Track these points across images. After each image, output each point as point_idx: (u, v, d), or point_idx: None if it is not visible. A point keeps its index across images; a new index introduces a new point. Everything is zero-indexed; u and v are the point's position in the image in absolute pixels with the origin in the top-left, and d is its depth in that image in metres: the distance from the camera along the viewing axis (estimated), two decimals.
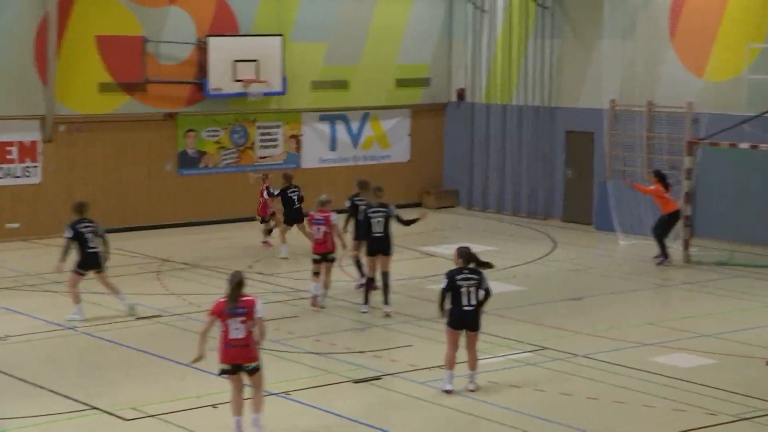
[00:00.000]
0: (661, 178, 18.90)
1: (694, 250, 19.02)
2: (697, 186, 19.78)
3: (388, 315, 15.01)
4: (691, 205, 19.10)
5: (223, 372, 10.27)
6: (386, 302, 15.17)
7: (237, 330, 10.10)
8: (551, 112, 23.39)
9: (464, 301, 11.55)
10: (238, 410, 10.32)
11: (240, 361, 10.18)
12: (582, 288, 17.05)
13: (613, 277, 17.90)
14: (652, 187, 18.83)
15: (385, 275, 15.15)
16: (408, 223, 15.37)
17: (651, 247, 19.09)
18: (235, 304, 10.13)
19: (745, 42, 19.77)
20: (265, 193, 19.85)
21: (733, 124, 19.05)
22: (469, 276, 11.61)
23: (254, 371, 10.27)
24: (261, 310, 10.22)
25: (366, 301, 15.31)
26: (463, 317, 11.60)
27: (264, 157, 23.56)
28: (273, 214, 19.92)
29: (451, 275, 11.65)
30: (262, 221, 20.35)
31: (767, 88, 19.57)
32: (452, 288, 11.58)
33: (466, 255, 11.70)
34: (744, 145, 18.37)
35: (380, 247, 15.12)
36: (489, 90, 24.53)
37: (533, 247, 20.41)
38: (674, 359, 13.07)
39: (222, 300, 10.22)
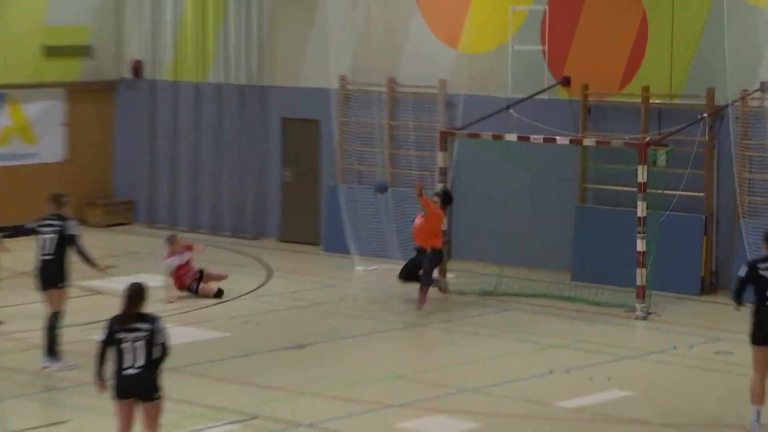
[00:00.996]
0: (448, 201, 18.88)
1: (451, 277, 19.57)
2: (454, 191, 20.32)
3: (45, 368, 15.00)
4: (447, 217, 19.60)
5: None
6: (50, 353, 15.09)
7: None
8: (261, 92, 23.59)
9: (127, 362, 11.16)
10: None
11: None
12: (306, 332, 17.25)
13: (347, 316, 18.21)
14: (439, 211, 18.59)
15: (54, 317, 15.08)
16: (85, 259, 15.25)
17: (395, 273, 19.42)
18: None
19: (509, 4, 20.58)
20: None
21: (498, 110, 19.80)
22: (135, 327, 11.21)
23: None
24: None
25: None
26: (127, 383, 11.23)
27: None
28: None
29: (111, 325, 11.26)
30: None
31: (537, 61, 20.46)
32: (111, 343, 11.18)
33: (133, 296, 11.24)
34: (511, 137, 19.07)
35: (50, 275, 15.08)
36: (177, 63, 24.52)
37: (240, 277, 20.44)
38: (428, 424, 13.35)
39: None
